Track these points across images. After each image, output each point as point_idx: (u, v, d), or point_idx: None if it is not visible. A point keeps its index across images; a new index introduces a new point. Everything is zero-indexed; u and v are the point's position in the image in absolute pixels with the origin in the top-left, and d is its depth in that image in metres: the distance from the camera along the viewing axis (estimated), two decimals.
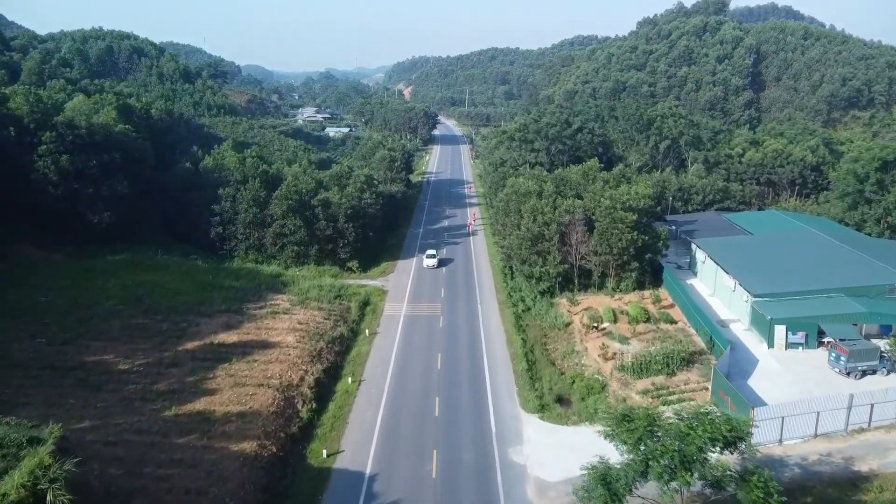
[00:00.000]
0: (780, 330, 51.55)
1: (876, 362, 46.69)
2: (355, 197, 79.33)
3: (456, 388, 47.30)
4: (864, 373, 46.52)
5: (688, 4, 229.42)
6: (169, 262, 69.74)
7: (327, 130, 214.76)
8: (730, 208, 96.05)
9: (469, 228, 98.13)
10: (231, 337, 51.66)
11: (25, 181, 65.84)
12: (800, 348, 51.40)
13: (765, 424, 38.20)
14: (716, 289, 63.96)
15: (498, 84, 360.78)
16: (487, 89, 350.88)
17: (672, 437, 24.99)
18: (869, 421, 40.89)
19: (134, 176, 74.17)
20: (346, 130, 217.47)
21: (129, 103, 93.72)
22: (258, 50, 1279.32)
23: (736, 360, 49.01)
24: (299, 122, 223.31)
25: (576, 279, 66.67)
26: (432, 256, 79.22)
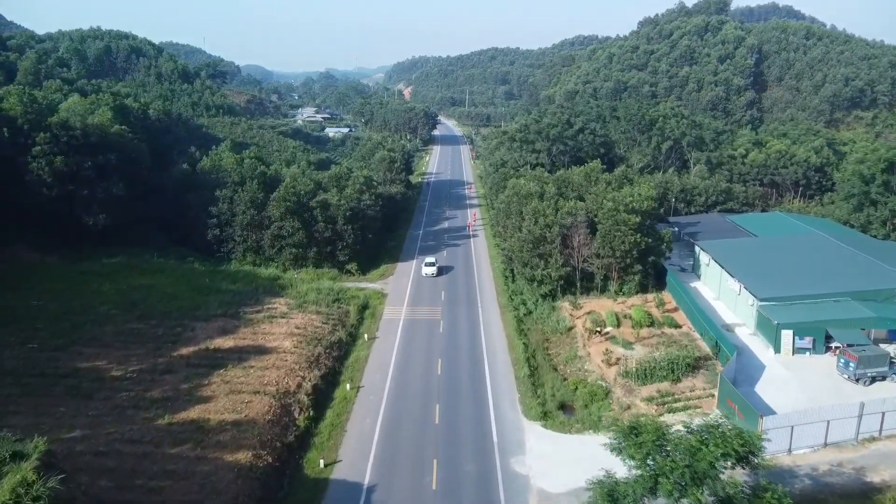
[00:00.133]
0: (787, 335, 50.52)
1: (886, 368, 45.71)
2: (354, 198, 78.25)
3: (456, 395, 46.29)
4: (874, 379, 45.52)
5: (689, 4, 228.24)
6: (165, 265, 68.76)
7: (327, 131, 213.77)
8: (733, 210, 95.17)
9: (469, 229, 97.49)
10: (227, 342, 50.69)
11: (19, 183, 64.72)
12: (807, 353, 50.40)
13: (773, 433, 37.22)
14: (720, 292, 62.95)
15: (498, 84, 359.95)
16: (487, 89, 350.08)
17: (682, 453, 23.99)
18: (880, 429, 39.93)
19: (130, 177, 73.03)
20: (346, 131, 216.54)
21: (126, 104, 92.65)
22: (258, 50, 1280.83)
23: (742, 366, 47.98)
24: (299, 123, 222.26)
25: (578, 282, 65.68)
26: (431, 264, 74.96)
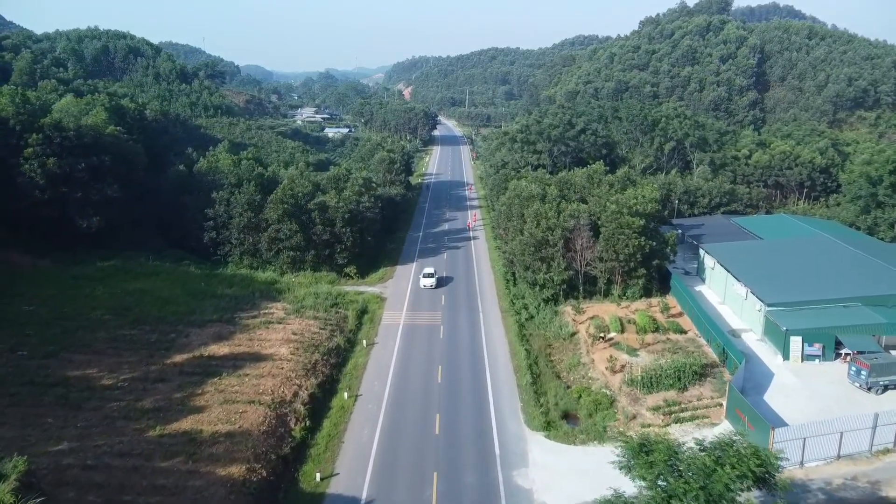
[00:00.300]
0: (796, 341, 49.22)
1: None
2: (353, 200, 76.91)
3: (457, 404, 45.02)
4: (886, 388, 44.22)
5: (690, 4, 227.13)
6: (160, 269, 67.48)
7: (326, 131, 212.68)
8: (737, 211, 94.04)
9: (469, 228, 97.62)
10: (222, 349, 49.42)
11: (11, 185, 63.54)
12: (816, 361, 49.09)
13: (785, 446, 35.96)
14: (726, 296, 61.67)
15: (498, 84, 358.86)
16: (488, 89, 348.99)
17: (696, 473, 22.71)
18: (894, 441, 38.65)
19: (125, 179, 71.84)
20: (346, 131, 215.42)
21: (122, 104, 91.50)
22: (258, 50, 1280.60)
23: (750, 374, 46.71)
24: (298, 123, 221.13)
25: (581, 286, 64.44)
26: (430, 275, 69.97)
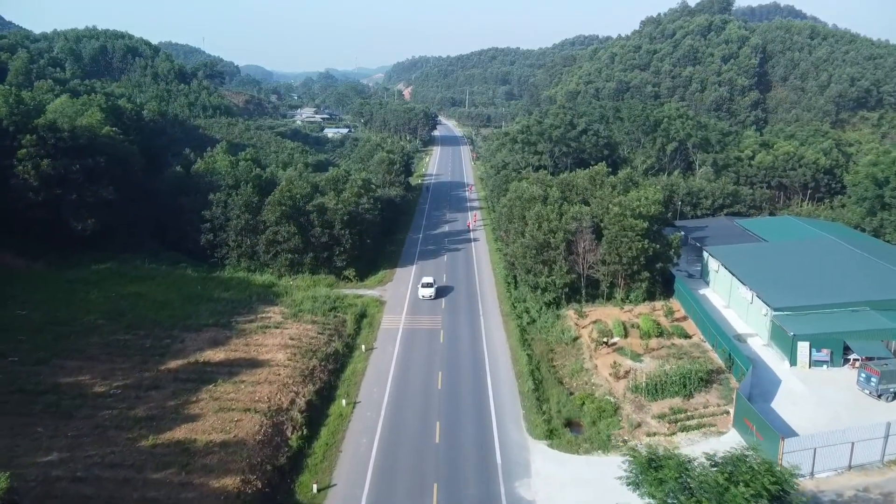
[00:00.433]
0: (804, 347, 48.22)
1: None
2: (352, 202, 75.92)
3: (458, 411, 44.00)
4: None
5: (692, 3, 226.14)
6: (156, 272, 66.53)
7: (326, 131, 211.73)
8: (740, 213, 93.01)
9: (469, 228, 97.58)
10: (218, 354, 48.44)
11: (4, 187, 62.75)
12: (824, 367, 48.07)
13: (796, 456, 35.01)
14: (731, 300, 60.68)
15: (499, 84, 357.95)
16: (488, 89, 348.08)
17: (708, 492, 21.69)
18: None
19: (120, 180, 70.92)
20: (345, 131, 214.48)
21: (119, 104, 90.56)
22: (258, 50, 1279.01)
23: (756, 380, 45.65)
24: (297, 123, 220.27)
25: (583, 290, 63.41)
26: (428, 285, 66.50)
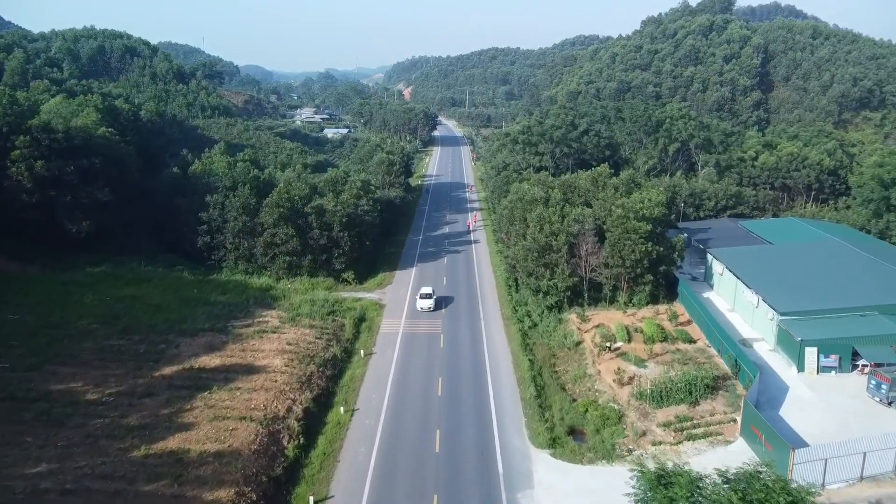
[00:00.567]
0: (812, 352, 47.27)
1: None
2: (351, 204, 74.88)
3: (458, 419, 43.03)
4: None
5: (693, 3, 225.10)
6: (152, 275, 65.54)
7: (325, 132, 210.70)
8: (743, 214, 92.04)
9: (469, 228, 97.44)
10: (213, 360, 47.47)
11: None
12: (833, 373, 47.16)
13: (805, 467, 34.06)
14: (735, 304, 59.74)
15: (499, 84, 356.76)
16: (488, 90, 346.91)
17: None
18: None
19: (116, 182, 69.95)
20: (345, 132, 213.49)
21: (116, 105, 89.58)
22: (258, 50, 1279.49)
23: (764, 387, 44.68)
24: (297, 123, 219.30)
25: (585, 293, 62.44)
26: (427, 296, 62.89)
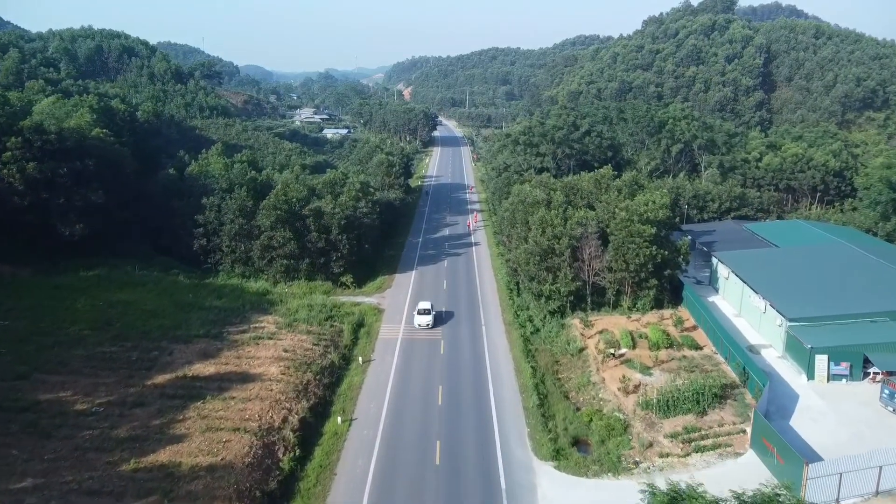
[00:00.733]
0: (822, 360, 46.03)
1: None
2: (350, 206, 73.60)
3: (459, 429, 41.77)
4: None
5: (694, 3, 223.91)
6: (147, 279, 64.31)
7: (325, 132, 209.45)
8: (747, 216, 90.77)
9: (469, 228, 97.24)
10: (207, 368, 46.22)
11: None
12: (843, 381, 45.93)
13: (819, 482, 32.85)
14: (742, 308, 58.49)
15: (499, 84, 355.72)
16: (488, 90, 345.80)
17: None
18: None
19: (111, 184, 68.66)
20: (344, 132, 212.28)
21: (111, 105, 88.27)
22: (257, 50, 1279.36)
23: (773, 395, 43.46)
24: (296, 124, 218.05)
25: (588, 297, 61.19)
26: (426, 312, 58.56)
